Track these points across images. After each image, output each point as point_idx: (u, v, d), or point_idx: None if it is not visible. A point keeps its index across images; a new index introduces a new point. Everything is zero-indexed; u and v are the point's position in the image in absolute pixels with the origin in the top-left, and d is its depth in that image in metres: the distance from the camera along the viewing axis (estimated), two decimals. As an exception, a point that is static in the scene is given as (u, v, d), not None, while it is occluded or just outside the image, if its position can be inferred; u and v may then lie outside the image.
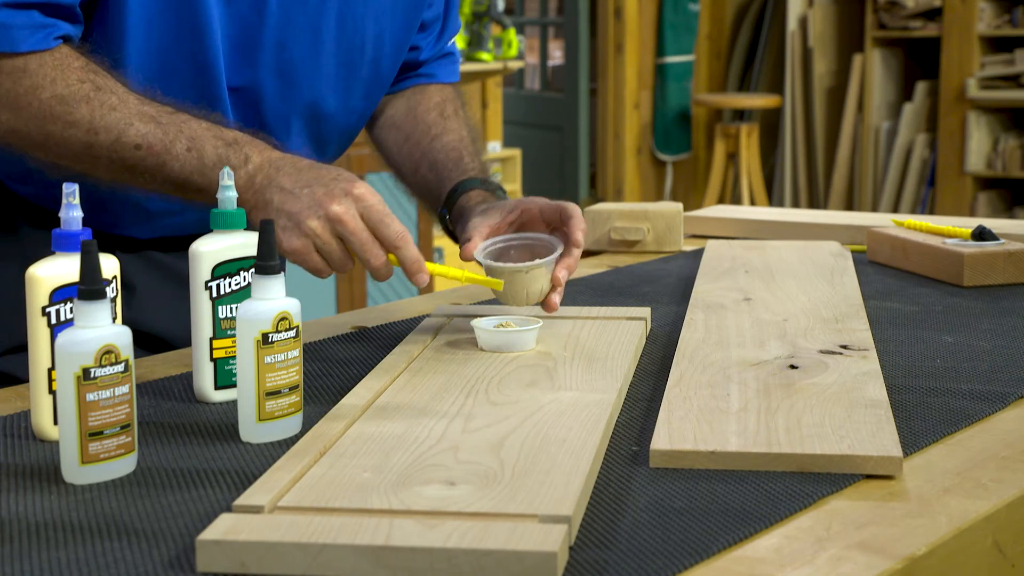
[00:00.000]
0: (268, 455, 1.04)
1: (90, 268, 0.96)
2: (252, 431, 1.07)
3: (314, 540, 0.81)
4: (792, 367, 1.23)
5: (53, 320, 1.06)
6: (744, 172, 6.22)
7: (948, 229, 1.79)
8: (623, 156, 6.57)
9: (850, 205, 6.33)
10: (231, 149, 1.28)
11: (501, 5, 5.31)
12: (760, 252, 1.85)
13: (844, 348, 1.30)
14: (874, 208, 6.21)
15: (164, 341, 1.48)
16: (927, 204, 6.10)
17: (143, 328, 1.45)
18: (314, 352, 1.36)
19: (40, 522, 0.90)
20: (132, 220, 1.45)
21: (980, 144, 5.91)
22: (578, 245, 1.37)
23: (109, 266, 1.10)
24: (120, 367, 0.97)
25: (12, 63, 1.26)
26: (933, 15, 5.97)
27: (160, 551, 0.85)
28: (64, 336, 0.96)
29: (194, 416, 1.15)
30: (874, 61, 6.14)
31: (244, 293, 1.17)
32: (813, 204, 6.46)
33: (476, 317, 1.37)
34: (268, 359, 1.06)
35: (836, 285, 1.62)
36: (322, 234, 1.23)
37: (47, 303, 1.06)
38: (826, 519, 0.91)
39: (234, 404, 1.16)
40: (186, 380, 1.25)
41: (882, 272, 1.79)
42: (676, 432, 1.04)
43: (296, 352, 1.08)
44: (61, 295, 1.06)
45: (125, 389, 0.98)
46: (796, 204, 6.46)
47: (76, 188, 1.05)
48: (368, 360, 1.32)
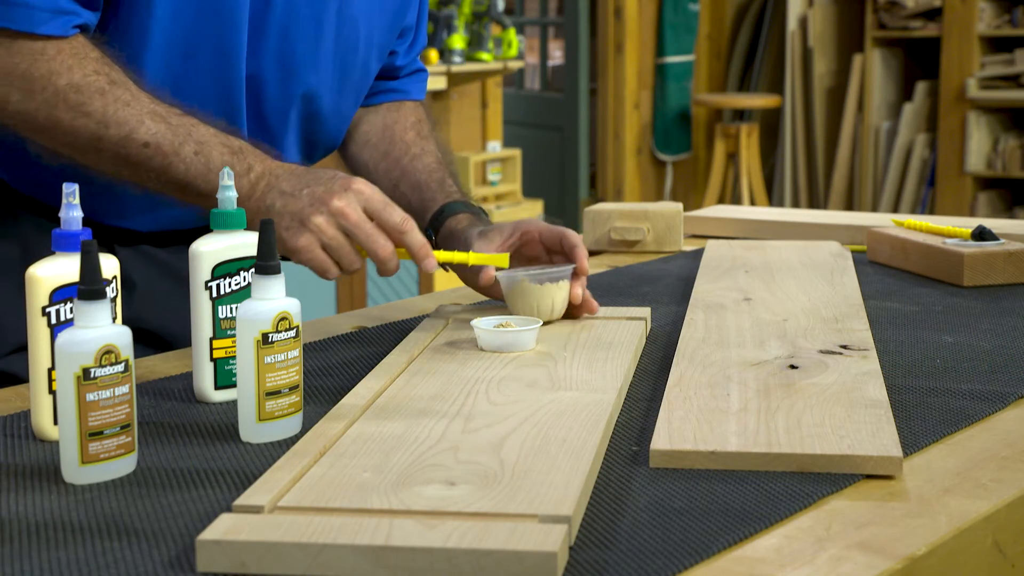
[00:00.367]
0: (268, 455, 1.04)
1: (90, 268, 0.96)
2: (252, 431, 1.07)
3: (314, 540, 0.81)
4: (792, 367, 1.23)
5: (53, 320, 1.06)
6: (744, 172, 6.22)
7: (948, 229, 1.79)
8: (623, 156, 6.57)
9: (850, 205, 6.33)
10: (236, 157, 1.29)
11: (501, 5, 5.31)
12: (760, 252, 1.85)
13: (844, 348, 1.30)
14: (874, 208, 6.21)
15: (164, 339, 1.48)
16: (927, 204, 6.10)
17: (143, 326, 1.45)
18: (314, 352, 1.36)
19: (40, 522, 0.90)
20: (136, 210, 1.46)
21: (980, 144, 5.91)
22: (584, 273, 1.40)
23: (109, 266, 1.10)
24: (120, 367, 0.97)
25: (31, 45, 1.26)
26: (933, 15, 5.97)
27: (160, 551, 0.85)
28: (64, 336, 0.96)
29: (194, 416, 1.15)
30: (874, 61, 6.14)
31: (244, 293, 1.17)
32: (813, 204, 6.46)
33: (476, 317, 1.37)
34: (268, 359, 1.06)
35: (836, 285, 1.62)
36: (327, 229, 1.25)
37: (47, 303, 1.06)
38: (826, 519, 0.91)
39: (234, 404, 1.16)
40: (186, 380, 1.25)
41: (882, 272, 1.79)
42: (676, 432, 1.04)
43: (296, 352, 1.08)
44: (61, 295, 1.06)
45: (125, 389, 0.98)
46: (796, 204, 6.45)
47: (76, 188, 1.05)
48: (368, 360, 1.33)
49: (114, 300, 1.10)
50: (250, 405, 1.07)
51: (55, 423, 1.07)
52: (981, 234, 1.74)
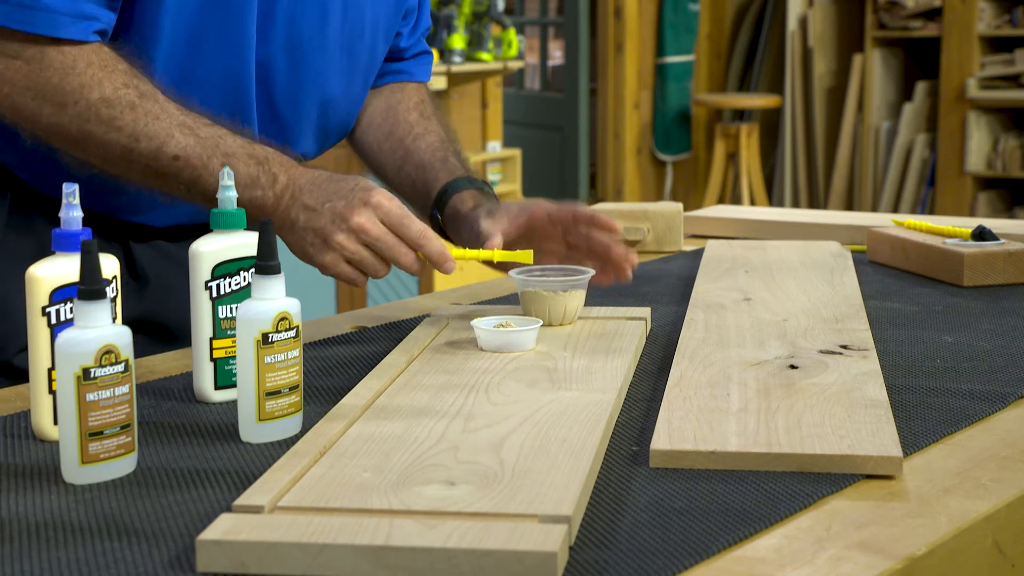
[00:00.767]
0: (268, 455, 1.04)
1: (90, 268, 0.96)
2: (252, 431, 1.07)
3: (314, 540, 0.81)
4: (792, 367, 1.23)
5: (53, 320, 1.06)
6: (744, 172, 6.22)
7: (948, 229, 1.79)
8: (623, 156, 6.57)
9: (850, 205, 6.33)
10: (261, 168, 1.31)
11: (501, 5, 5.31)
12: (760, 252, 1.85)
13: (844, 348, 1.30)
14: (874, 208, 6.21)
15: (177, 333, 1.49)
16: (927, 204, 6.10)
17: (157, 320, 1.46)
18: (314, 352, 1.36)
19: (40, 522, 0.90)
20: (151, 205, 1.47)
21: (980, 144, 5.91)
22: (615, 229, 1.43)
23: (109, 266, 1.10)
24: (120, 367, 0.97)
25: (61, 59, 1.28)
26: (933, 15, 5.97)
27: (160, 551, 0.85)
28: (64, 336, 0.96)
29: (194, 416, 1.15)
30: (874, 61, 6.14)
31: (244, 293, 1.17)
32: (813, 204, 6.46)
33: (476, 317, 1.37)
34: (268, 359, 1.06)
35: (836, 285, 1.62)
36: (348, 245, 1.29)
37: (47, 303, 1.06)
38: (826, 519, 0.91)
39: (234, 404, 1.16)
40: (186, 380, 1.25)
41: (882, 272, 1.79)
42: (676, 432, 1.04)
43: (296, 352, 1.08)
44: (61, 295, 1.06)
45: (125, 389, 0.98)
46: (796, 204, 6.45)
47: (76, 188, 1.05)
48: (368, 360, 1.33)
49: (114, 300, 1.10)
50: (250, 405, 1.07)
51: (55, 423, 1.07)
52: (981, 234, 1.74)
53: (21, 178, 1.46)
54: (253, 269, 1.07)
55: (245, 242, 1.18)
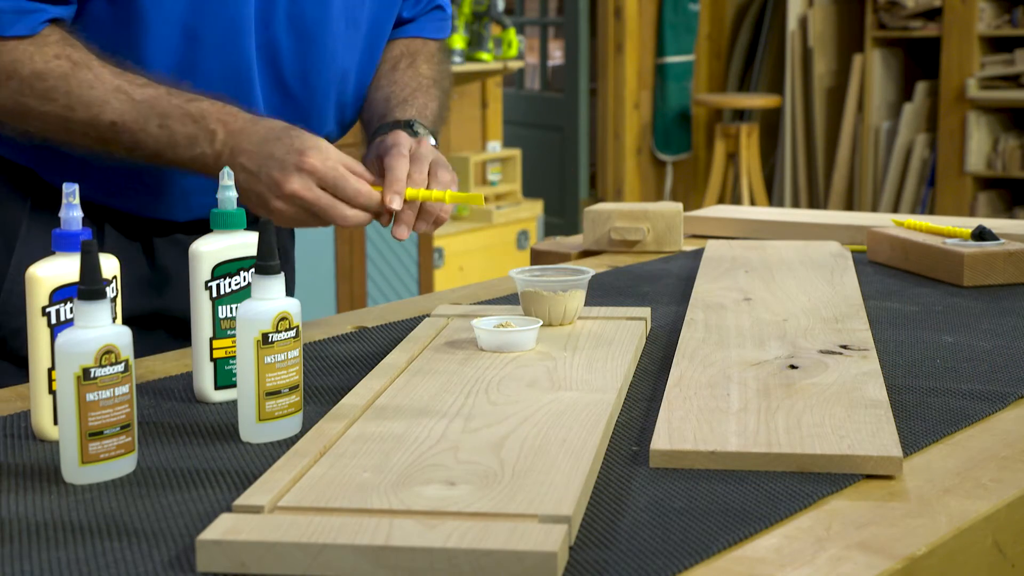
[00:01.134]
0: (268, 455, 1.04)
1: (90, 268, 0.96)
2: (252, 431, 1.07)
3: (314, 540, 0.81)
4: (792, 367, 1.23)
5: (53, 320, 1.06)
6: (744, 172, 6.22)
7: (948, 229, 1.79)
8: (623, 156, 6.57)
9: (850, 205, 6.33)
10: (198, 126, 1.32)
11: (501, 5, 5.31)
12: (760, 252, 1.85)
13: (844, 348, 1.30)
14: (874, 208, 6.21)
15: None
16: (927, 204, 6.10)
17: (175, 314, 1.46)
18: (314, 352, 1.36)
19: (40, 522, 0.90)
20: (169, 202, 1.48)
21: (980, 144, 5.91)
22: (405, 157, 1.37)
23: (109, 266, 1.10)
24: (120, 367, 0.97)
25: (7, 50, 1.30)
26: (933, 15, 5.97)
27: (160, 551, 0.85)
28: (64, 336, 0.96)
29: (194, 416, 1.15)
30: (874, 61, 6.14)
31: (244, 293, 1.17)
32: (813, 204, 6.46)
33: (476, 317, 1.37)
34: (268, 359, 1.06)
35: (836, 285, 1.62)
36: (287, 210, 1.32)
37: (47, 303, 1.06)
38: (826, 519, 0.91)
39: (234, 404, 1.16)
40: (186, 380, 1.25)
41: (882, 272, 1.79)
42: (676, 432, 1.04)
43: (296, 352, 1.08)
44: (61, 295, 1.06)
45: (125, 389, 0.98)
46: (796, 204, 6.45)
47: (76, 188, 1.05)
48: (368, 360, 1.33)
49: (114, 300, 1.10)
50: (250, 405, 1.07)
51: (55, 423, 1.07)
52: (981, 234, 1.74)
53: (43, 178, 1.46)
54: (253, 269, 1.07)
55: (245, 242, 1.18)
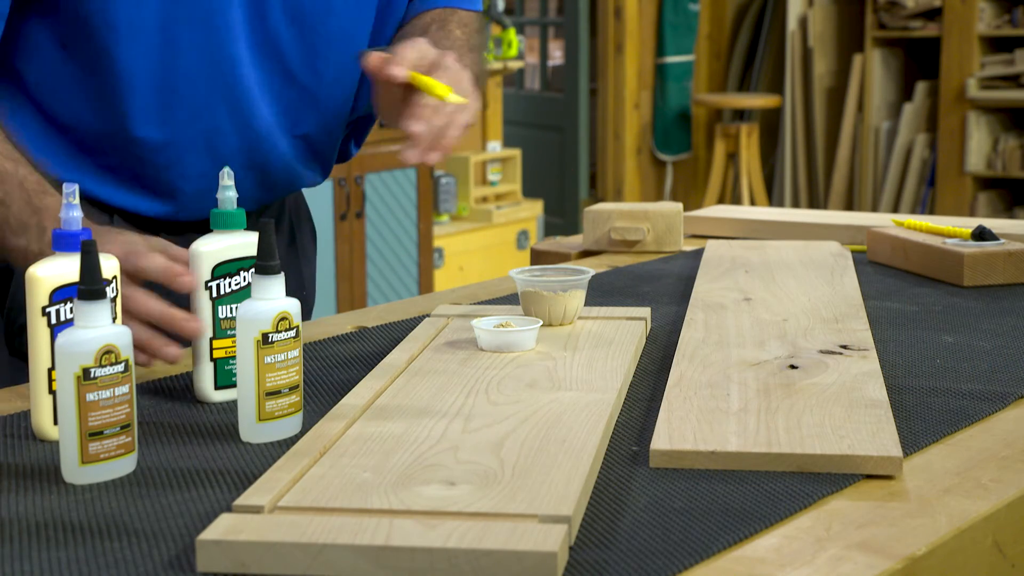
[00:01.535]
0: (268, 455, 1.04)
1: (90, 268, 0.96)
2: (252, 431, 1.07)
3: (314, 540, 0.81)
4: (792, 367, 1.23)
5: (53, 320, 1.06)
6: (744, 172, 6.22)
7: (948, 229, 1.79)
8: (623, 156, 6.57)
9: (850, 205, 6.33)
10: (36, 218, 1.26)
11: (501, 5, 5.31)
12: (760, 252, 1.85)
13: (844, 348, 1.30)
14: (874, 208, 6.21)
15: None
16: (927, 204, 6.10)
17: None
18: (314, 352, 1.36)
19: (40, 522, 0.90)
20: (185, 202, 1.48)
21: (980, 144, 5.91)
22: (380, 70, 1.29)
23: (109, 266, 1.10)
24: (120, 367, 0.97)
25: None
26: (933, 15, 5.97)
27: (160, 551, 0.85)
28: (64, 336, 0.96)
29: (194, 416, 1.15)
30: (874, 61, 6.14)
31: (244, 293, 1.17)
32: (813, 204, 6.46)
33: (476, 317, 1.37)
34: (268, 359, 1.06)
35: (836, 285, 1.62)
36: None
37: (47, 303, 1.06)
38: (826, 519, 0.91)
39: (234, 404, 1.16)
40: (186, 380, 1.25)
41: (882, 272, 1.79)
42: (676, 432, 1.04)
43: (296, 352, 1.08)
44: (61, 295, 1.06)
45: (125, 389, 0.98)
46: (796, 204, 6.45)
47: (76, 188, 1.05)
48: (368, 360, 1.33)
49: (114, 300, 1.10)
50: (250, 405, 1.07)
51: (55, 423, 1.07)
52: (981, 234, 1.74)
53: (52, 176, 1.47)
54: (253, 269, 1.07)
55: (245, 242, 1.18)
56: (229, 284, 1.18)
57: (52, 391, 1.07)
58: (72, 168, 1.43)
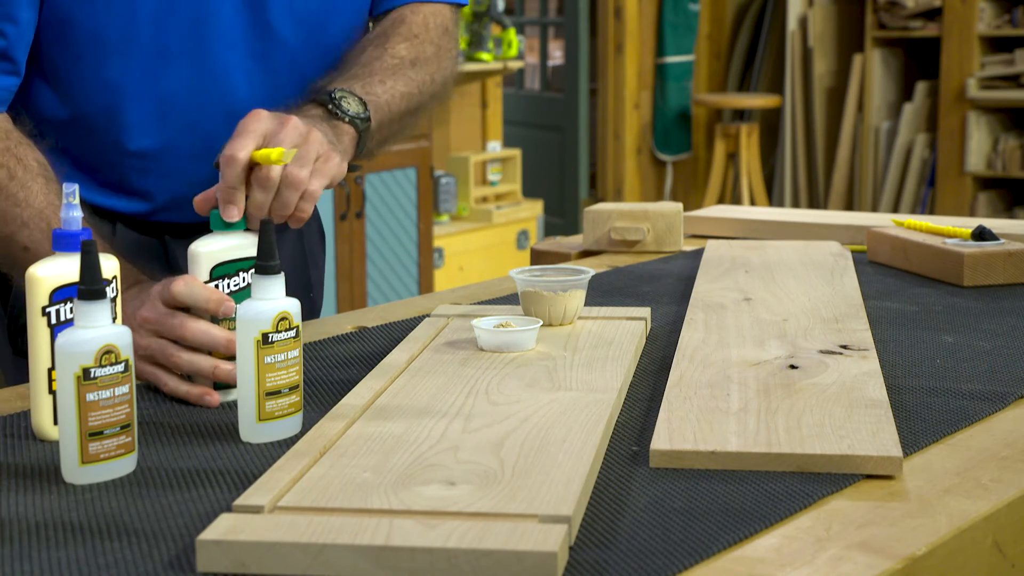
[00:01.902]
0: (268, 455, 1.04)
1: (90, 268, 0.96)
2: (252, 431, 1.07)
3: (314, 540, 0.81)
4: (792, 367, 1.23)
5: (53, 320, 1.06)
6: (744, 172, 6.22)
7: (948, 229, 1.79)
8: (623, 156, 6.57)
9: (850, 205, 6.33)
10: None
11: (501, 5, 5.31)
12: (760, 252, 1.85)
13: (844, 348, 1.30)
14: (874, 208, 6.21)
15: None
16: (927, 204, 6.10)
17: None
18: (314, 352, 1.36)
19: (40, 522, 0.90)
20: (186, 203, 1.47)
21: (980, 144, 5.91)
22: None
23: (109, 266, 1.10)
24: (120, 367, 0.97)
25: None
26: (933, 15, 5.97)
27: (160, 551, 0.85)
28: (64, 336, 0.96)
29: (194, 416, 1.15)
30: (874, 61, 6.14)
31: (243, 293, 1.17)
32: (813, 204, 6.46)
33: (476, 317, 1.37)
34: (268, 359, 1.06)
35: (836, 285, 1.62)
36: (136, 365, 1.18)
37: (47, 303, 1.06)
38: (826, 519, 0.91)
39: (234, 404, 1.16)
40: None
41: (882, 272, 1.79)
42: (676, 432, 1.04)
43: (296, 352, 1.08)
44: (61, 295, 1.06)
45: (125, 389, 0.98)
46: (796, 204, 6.45)
47: (76, 188, 1.05)
48: (368, 360, 1.33)
49: (114, 300, 1.10)
50: (250, 405, 1.07)
51: (55, 423, 1.07)
52: (981, 234, 1.74)
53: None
54: (253, 269, 1.07)
55: (243, 243, 1.18)
56: (228, 285, 1.18)
57: (52, 391, 1.07)
58: (77, 176, 1.44)
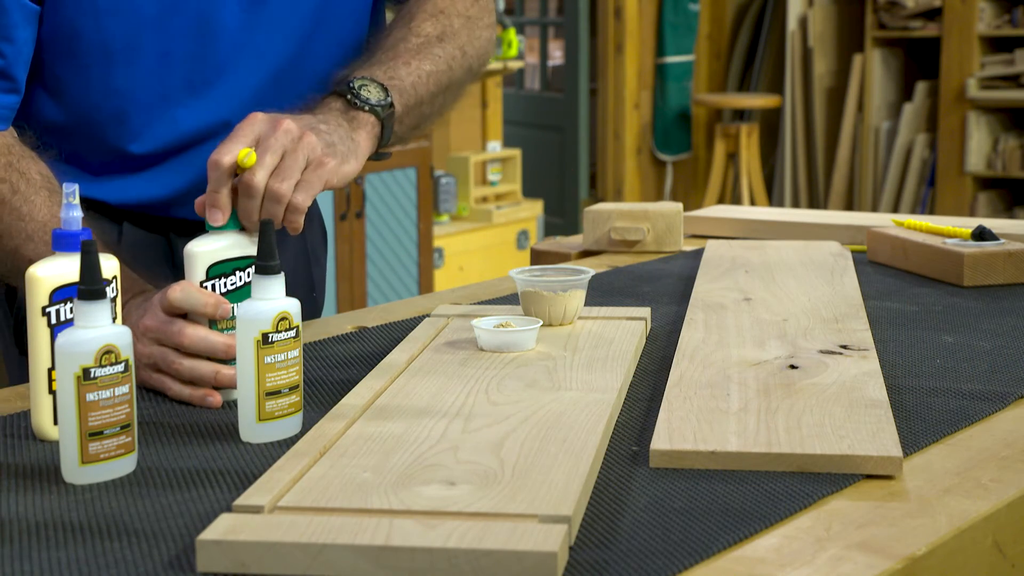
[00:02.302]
0: (268, 455, 1.04)
1: (90, 268, 0.96)
2: (252, 431, 1.07)
3: (314, 540, 0.81)
4: (792, 367, 1.23)
5: (53, 320, 1.06)
6: (744, 172, 6.22)
7: (948, 229, 1.79)
8: (623, 156, 6.57)
9: (850, 205, 6.33)
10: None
11: (501, 5, 5.31)
12: (760, 252, 1.85)
13: (844, 348, 1.30)
14: (874, 208, 6.21)
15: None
16: (927, 204, 6.10)
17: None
18: (314, 352, 1.36)
19: (40, 522, 0.90)
20: (188, 200, 1.48)
21: (980, 144, 5.91)
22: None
23: (109, 266, 1.10)
24: (120, 367, 0.97)
25: None
26: (933, 15, 5.97)
27: (160, 551, 0.85)
28: (64, 336, 0.96)
29: (194, 416, 1.15)
30: (874, 61, 6.14)
31: (240, 292, 1.17)
32: (813, 204, 6.46)
33: (476, 317, 1.37)
34: (268, 359, 1.06)
35: (836, 285, 1.62)
36: (141, 373, 1.20)
37: (47, 303, 1.06)
38: (826, 519, 0.91)
39: (234, 404, 1.16)
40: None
41: (882, 272, 1.79)
42: (676, 432, 1.04)
43: (296, 352, 1.08)
44: (61, 295, 1.06)
45: (125, 389, 0.98)
46: (796, 204, 6.45)
47: (76, 188, 1.05)
48: (368, 360, 1.33)
49: (114, 300, 1.10)
50: (250, 405, 1.07)
51: (55, 423, 1.07)
52: (981, 234, 1.74)
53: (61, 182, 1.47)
54: (253, 269, 1.07)
55: (239, 242, 1.18)
56: (225, 284, 1.17)
57: (52, 391, 1.07)
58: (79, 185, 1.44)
